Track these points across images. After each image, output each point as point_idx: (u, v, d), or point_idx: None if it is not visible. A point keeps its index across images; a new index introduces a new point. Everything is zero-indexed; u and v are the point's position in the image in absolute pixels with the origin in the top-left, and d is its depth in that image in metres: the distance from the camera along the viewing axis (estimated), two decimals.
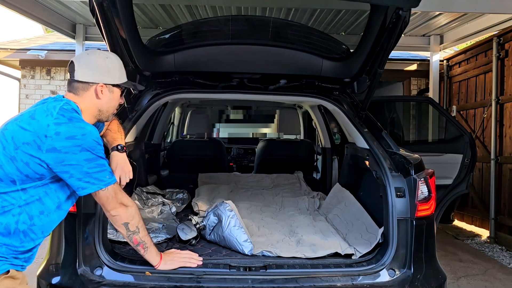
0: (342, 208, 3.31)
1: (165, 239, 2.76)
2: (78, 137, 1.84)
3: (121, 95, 2.19)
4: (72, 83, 2.05)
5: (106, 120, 2.23)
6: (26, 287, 1.97)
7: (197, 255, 2.44)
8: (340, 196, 3.52)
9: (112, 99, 2.13)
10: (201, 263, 2.38)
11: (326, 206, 3.63)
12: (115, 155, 2.32)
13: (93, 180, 1.91)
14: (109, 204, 2.02)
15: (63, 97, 2.04)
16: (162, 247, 2.64)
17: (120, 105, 2.25)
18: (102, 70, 2.06)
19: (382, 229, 2.60)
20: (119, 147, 2.34)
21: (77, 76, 2.03)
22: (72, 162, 1.83)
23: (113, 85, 2.11)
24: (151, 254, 2.25)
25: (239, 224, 2.63)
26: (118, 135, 2.44)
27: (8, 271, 1.86)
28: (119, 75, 2.14)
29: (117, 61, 2.16)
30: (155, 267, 2.28)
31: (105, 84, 2.07)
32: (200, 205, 3.42)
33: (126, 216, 2.09)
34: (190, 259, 2.37)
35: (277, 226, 3.15)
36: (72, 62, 2.06)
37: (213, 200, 3.65)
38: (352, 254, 2.58)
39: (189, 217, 2.91)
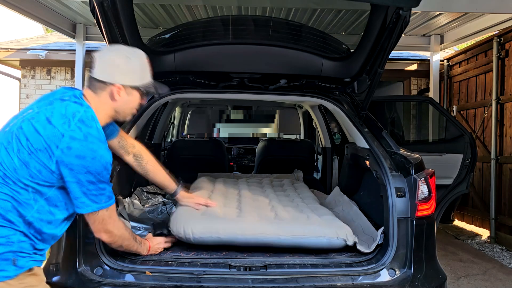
0: (339, 212, 3.30)
1: None
2: (87, 159, 1.80)
3: (142, 97, 2.10)
4: (91, 80, 1.99)
5: (123, 120, 2.17)
6: (45, 285, 1.98)
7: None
8: (338, 199, 3.52)
9: (130, 101, 2.04)
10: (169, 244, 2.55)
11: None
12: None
13: (88, 201, 1.89)
14: (94, 226, 2.02)
15: (83, 95, 1.97)
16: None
17: (141, 105, 2.18)
18: (121, 71, 1.97)
19: (381, 230, 2.60)
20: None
21: (96, 74, 1.97)
22: (74, 180, 1.82)
23: (132, 87, 2.02)
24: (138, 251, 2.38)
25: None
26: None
27: (32, 268, 1.86)
28: (140, 77, 2.04)
29: (138, 62, 2.03)
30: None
31: (123, 85, 1.98)
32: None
33: (108, 240, 2.14)
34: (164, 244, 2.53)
35: (282, 204, 3.11)
36: (94, 57, 1.99)
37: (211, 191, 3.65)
38: (355, 245, 2.55)
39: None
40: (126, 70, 1.98)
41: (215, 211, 2.78)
